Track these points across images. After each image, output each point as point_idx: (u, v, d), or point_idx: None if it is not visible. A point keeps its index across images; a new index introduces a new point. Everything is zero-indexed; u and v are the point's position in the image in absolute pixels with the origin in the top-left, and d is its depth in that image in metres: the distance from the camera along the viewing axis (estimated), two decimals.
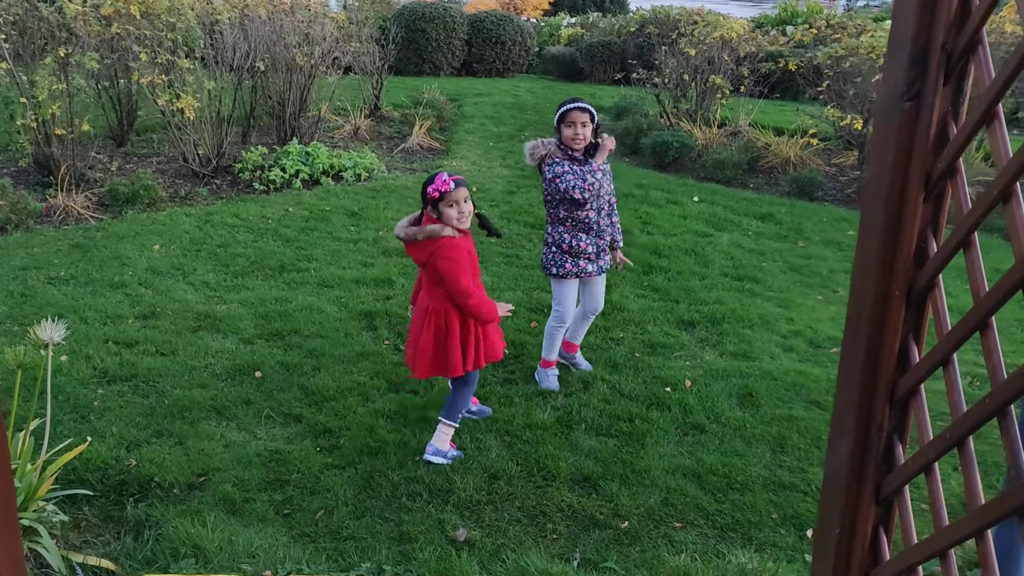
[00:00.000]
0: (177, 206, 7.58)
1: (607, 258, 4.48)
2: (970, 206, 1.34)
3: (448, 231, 3.59)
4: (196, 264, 6.13)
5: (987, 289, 1.28)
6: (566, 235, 4.34)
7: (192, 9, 8.59)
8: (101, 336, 4.89)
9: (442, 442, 3.82)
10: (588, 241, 4.34)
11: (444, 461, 3.77)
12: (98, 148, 8.69)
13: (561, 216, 4.34)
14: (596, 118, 4.23)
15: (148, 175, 7.85)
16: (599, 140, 4.27)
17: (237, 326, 5.12)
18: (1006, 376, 1.21)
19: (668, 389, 4.52)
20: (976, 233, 1.35)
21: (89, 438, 3.75)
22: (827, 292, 6.16)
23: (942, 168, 1.42)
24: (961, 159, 1.40)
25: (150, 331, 5.01)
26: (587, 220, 4.31)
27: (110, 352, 4.71)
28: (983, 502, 1.28)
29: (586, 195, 4.17)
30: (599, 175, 4.18)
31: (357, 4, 18.41)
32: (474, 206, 3.69)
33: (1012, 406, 1.24)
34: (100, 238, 6.57)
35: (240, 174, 8.34)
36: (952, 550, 1.40)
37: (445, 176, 3.56)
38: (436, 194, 3.54)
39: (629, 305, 5.65)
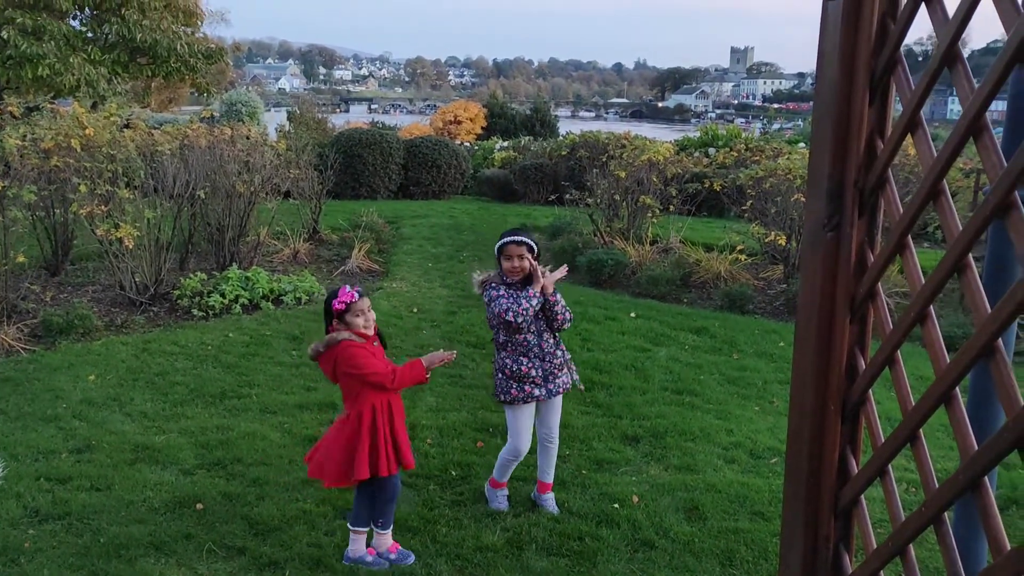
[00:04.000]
0: (113, 335, 7.46)
1: (560, 381, 4.43)
2: (891, 327, 1.47)
3: (345, 335, 3.77)
4: (133, 394, 6.01)
5: (913, 404, 1.40)
6: (508, 360, 4.36)
7: (132, 141, 8.70)
8: (33, 473, 4.72)
9: (355, 549, 3.97)
10: (531, 365, 4.33)
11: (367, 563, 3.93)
12: (31, 278, 8.56)
13: (502, 341, 4.39)
14: (536, 248, 4.37)
15: (83, 304, 7.75)
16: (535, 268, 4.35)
17: (177, 457, 5.00)
18: (937, 485, 1.31)
19: (616, 505, 4.54)
20: (899, 351, 1.48)
21: None
22: (763, 403, 6.32)
23: (863, 292, 1.56)
24: (879, 284, 1.54)
25: (84, 465, 4.85)
26: (526, 343, 4.35)
27: (42, 489, 4.54)
28: None
29: (519, 319, 4.22)
30: (534, 301, 4.24)
31: (294, 131, 18.83)
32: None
33: (945, 514, 1.33)
34: (32, 370, 6.40)
35: (179, 301, 8.28)
36: None
37: (348, 288, 3.80)
38: (342, 306, 3.76)
39: (573, 422, 5.70)
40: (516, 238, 4.30)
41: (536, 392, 4.36)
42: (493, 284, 4.36)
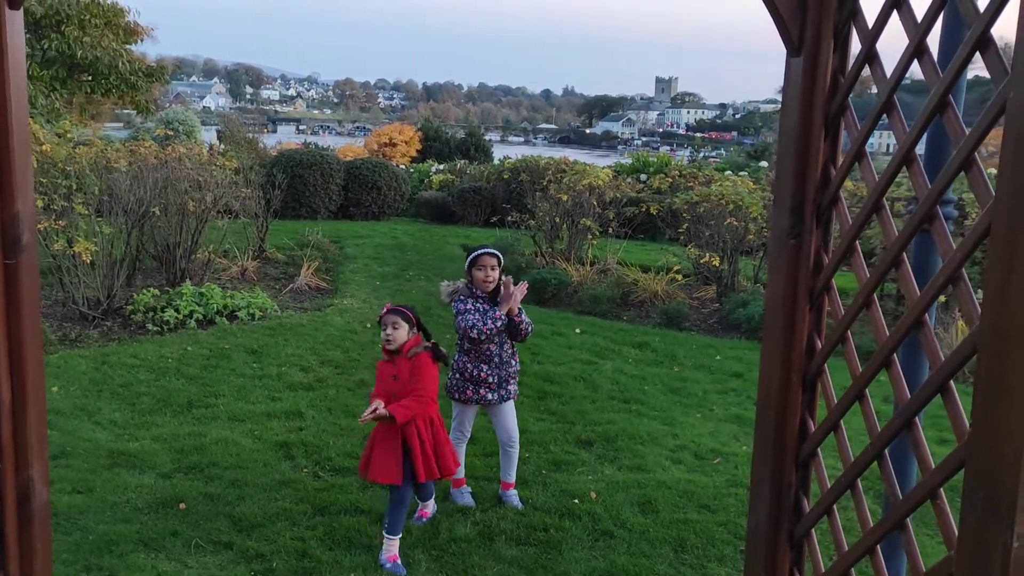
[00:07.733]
0: (68, 349, 7.53)
1: (511, 388, 4.84)
2: (843, 313, 1.88)
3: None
4: (100, 404, 6.14)
5: (860, 371, 1.81)
6: (469, 364, 4.75)
7: (84, 158, 8.78)
8: None
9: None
10: (488, 372, 4.74)
11: None
12: None
13: (466, 347, 4.77)
14: (502, 262, 4.77)
15: None
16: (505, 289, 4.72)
17: (153, 461, 5.19)
18: (879, 429, 1.71)
19: (576, 501, 4.92)
20: (849, 331, 1.89)
21: None
22: (704, 410, 6.80)
23: (820, 287, 1.97)
24: (832, 279, 1.95)
25: (63, 470, 5.00)
26: (488, 352, 4.74)
27: None
28: (871, 524, 1.76)
29: (482, 336, 4.60)
30: (499, 323, 4.60)
31: (230, 151, 18.82)
32: (426, 334, 4.37)
33: (887, 450, 1.74)
34: None
35: (132, 316, 8.38)
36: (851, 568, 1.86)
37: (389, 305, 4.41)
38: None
39: (530, 428, 6.07)
40: (489, 250, 4.70)
41: (489, 396, 4.77)
42: (461, 297, 4.72)
